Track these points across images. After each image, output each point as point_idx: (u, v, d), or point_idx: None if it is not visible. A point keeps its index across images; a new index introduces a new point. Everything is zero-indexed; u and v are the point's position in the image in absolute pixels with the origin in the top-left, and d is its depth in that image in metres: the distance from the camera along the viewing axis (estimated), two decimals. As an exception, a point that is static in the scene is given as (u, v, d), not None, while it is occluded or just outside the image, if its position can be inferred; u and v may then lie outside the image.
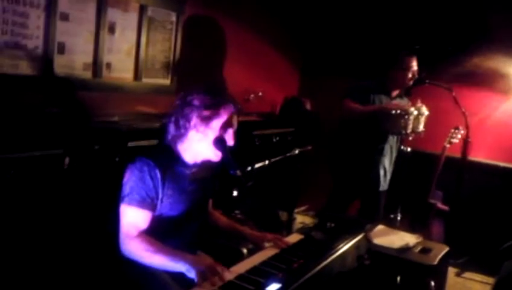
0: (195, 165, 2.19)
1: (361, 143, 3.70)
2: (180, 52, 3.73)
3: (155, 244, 2.00)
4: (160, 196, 2.07)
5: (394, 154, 3.84)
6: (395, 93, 3.74)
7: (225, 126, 2.11)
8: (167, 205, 2.10)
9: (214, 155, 2.13)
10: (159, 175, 2.05)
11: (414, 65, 3.63)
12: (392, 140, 3.76)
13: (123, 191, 2.06)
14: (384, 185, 3.81)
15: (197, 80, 3.80)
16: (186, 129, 2.08)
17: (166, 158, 2.12)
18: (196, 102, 2.08)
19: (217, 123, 2.09)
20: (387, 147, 3.74)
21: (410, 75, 3.61)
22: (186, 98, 2.11)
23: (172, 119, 2.12)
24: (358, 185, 3.79)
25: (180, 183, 2.14)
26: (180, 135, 2.11)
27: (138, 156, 2.08)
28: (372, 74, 3.80)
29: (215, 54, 4.22)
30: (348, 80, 4.04)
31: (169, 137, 2.15)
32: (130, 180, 2.05)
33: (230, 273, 1.91)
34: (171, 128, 2.13)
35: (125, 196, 2.04)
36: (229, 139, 2.13)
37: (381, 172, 3.75)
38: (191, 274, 1.86)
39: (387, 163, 3.78)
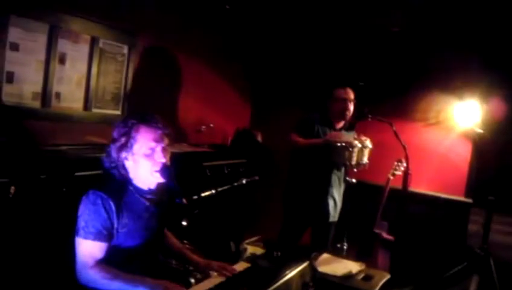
0: (150, 191, 2.20)
1: (310, 174, 3.81)
2: (132, 84, 3.77)
3: (112, 271, 2.01)
4: (115, 226, 2.07)
5: (342, 186, 3.95)
6: (339, 125, 3.90)
7: (148, 146, 2.11)
8: (123, 234, 2.09)
9: (154, 177, 2.14)
10: (113, 206, 2.05)
11: (346, 96, 3.81)
12: (339, 171, 3.88)
13: (78, 224, 2.05)
14: (334, 215, 3.91)
15: (147, 111, 3.83)
16: (117, 162, 2.11)
17: (119, 188, 2.13)
18: (114, 134, 2.14)
19: (138, 146, 2.10)
20: (334, 178, 3.85)
21: (344, 105, 3.79)
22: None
23: (104, 157, 2.16)
24: (309, 215, 3.87)
25: (136, 211, 2.15)
26: (118, 166, 2.12)
27: (91, 189, 2.08)
28: (319, 107, 3.96)
29: (167, 86, 4.28)
30: (297, 113, 4.18)
31: (110, 169, 2.15)
32: (84, 213, 2.05)
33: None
34: (106, 164, 2.14)
35: (81, 229, 2.03)
36: (159, 157, 2.13)
37: (331, 203, 3.85)
38: None
39: (336, 194, 3.88)
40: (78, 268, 2.02)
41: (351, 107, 3.83)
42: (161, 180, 2.15)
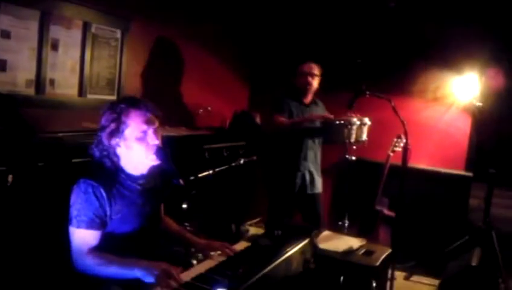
0: (142, 176, 2.20)
1: (284, 151, 3.89)
2: (126, 68, 3.75)
3: (107, 257, 2.01)
4: (108, 213, 2.06)
5: (318, 159, 4.02)
6: (307, 100, 3.97)
7: (140, 129, 2.09)
8: (116, 221, 2.09)
9: (150, 160, 2.13)
10: (104, 194, 2.05)
11: (308, 70, 3.90)
12: (314, 145, 3.94)
13: (70, 214, 2.04)
14: (312, 188, 3.96)
15: (142, 95, 3.82)
16: (108, 148, 2.10)
17: (110, 175, 2.11)
18: (102, 121, 2.11)
19: (129, 131, 2.09)
20: (309, 153, 3.92)
21: (306, 80, 3.88)
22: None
23: (93, 146, 2.14)
24: (287, 191, 3.92)
25: (129, 197, 2.15)
26: (109, 154, 2.11)
27: (81, 177, 2.06)
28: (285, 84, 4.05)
29: (163, 69, 4.25)
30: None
31: (100, 157, 2.13)
32: (76, 202, 2.04)
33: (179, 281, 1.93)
34: (96, 153, 2.13)
35: (73, 218, 2.03)
36: (152, 139, 2.11)
37: (307, 177, 3.91)
38: (148, 278, 1.91)
39: (312, 167, 3.94)
40: (74, 257, 2.03)
41: (314, 81, 3.91)
42: (156, 162, 2.14)
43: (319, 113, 3.87)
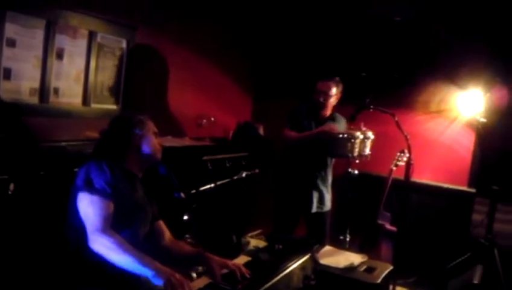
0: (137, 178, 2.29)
1: (296, 167, 3.84)
2: (130, 78, 3.75)
3: (125, 244, 1.98)
4: (115, 185, 2.10)
5: (329, 177, 3.97)
6: (322, 116, 3.90)
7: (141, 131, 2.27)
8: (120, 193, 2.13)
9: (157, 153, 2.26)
10: (115, 168, 2.13)
11: (322, 88, 3.80)
12: (325, 163, 3.91)
13: (82, 183, 2.06)
14: (320, 206, 3.92)
15: (146, 106, 3.82)
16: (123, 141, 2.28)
17: (117, 160, 2.21)
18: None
19: (146, 129, 2.28)
20: (320, 170, 3.88)
21: (319, 97, 3.79)
22: None
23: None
24: (295, 207, 3.89)
25: (130, 180, 2.22)
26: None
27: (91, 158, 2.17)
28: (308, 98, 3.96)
29: (166, 79, 4.25)
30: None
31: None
32: (87, 172, 2.08)
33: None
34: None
35: (83, 186, 2.05)
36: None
37: (315, 194, 3.87)
38: (157, 281, 1.88)
39: (320, 185, 3.90)
40: (89, 231, 1.99)
41: (328, 99, 3.80)
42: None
43: (320, 128, 3.82)
